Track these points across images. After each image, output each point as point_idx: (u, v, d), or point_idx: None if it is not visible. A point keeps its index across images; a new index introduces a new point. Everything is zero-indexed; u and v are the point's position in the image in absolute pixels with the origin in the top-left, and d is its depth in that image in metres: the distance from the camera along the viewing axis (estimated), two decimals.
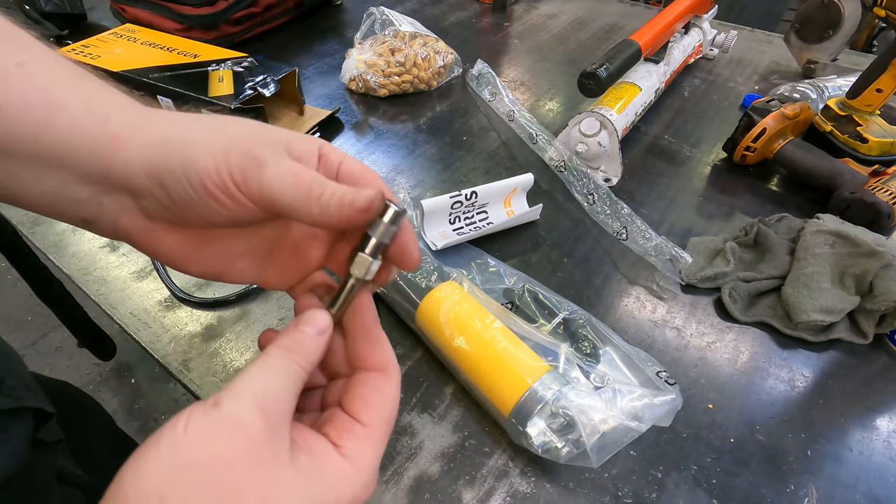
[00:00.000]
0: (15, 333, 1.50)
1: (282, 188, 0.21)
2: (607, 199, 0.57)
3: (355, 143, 0.71)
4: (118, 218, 0.23)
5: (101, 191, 0.22)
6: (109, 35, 0.76)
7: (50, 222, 0.58)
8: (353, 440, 0.21)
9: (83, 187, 0.22)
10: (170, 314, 0.48)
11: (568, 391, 0.35)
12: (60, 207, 0.22)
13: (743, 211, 0.60)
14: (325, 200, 0.21)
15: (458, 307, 0.41)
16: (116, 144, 0.21)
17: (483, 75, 0.79)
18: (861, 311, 0.46)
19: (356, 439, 0.21)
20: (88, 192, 0.22)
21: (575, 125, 0.63)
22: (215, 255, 0.25)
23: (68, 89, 0.21)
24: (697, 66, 0.88)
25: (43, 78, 0.21)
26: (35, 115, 0.20)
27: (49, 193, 0.22)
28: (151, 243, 0.24)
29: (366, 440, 0.21)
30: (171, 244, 0.24)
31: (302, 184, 0.21)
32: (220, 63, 0.68)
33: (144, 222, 0.23)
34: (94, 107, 0.21)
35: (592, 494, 0.37)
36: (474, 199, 0.54)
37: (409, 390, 0.43)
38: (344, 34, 0.97)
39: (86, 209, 0.22)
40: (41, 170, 0.21)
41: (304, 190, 0.21)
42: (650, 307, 0.49)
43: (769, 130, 0.61)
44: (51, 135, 0.20)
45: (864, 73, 0.61)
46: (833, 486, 0.37)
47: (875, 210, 0.52)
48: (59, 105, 0.20)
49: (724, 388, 0.43)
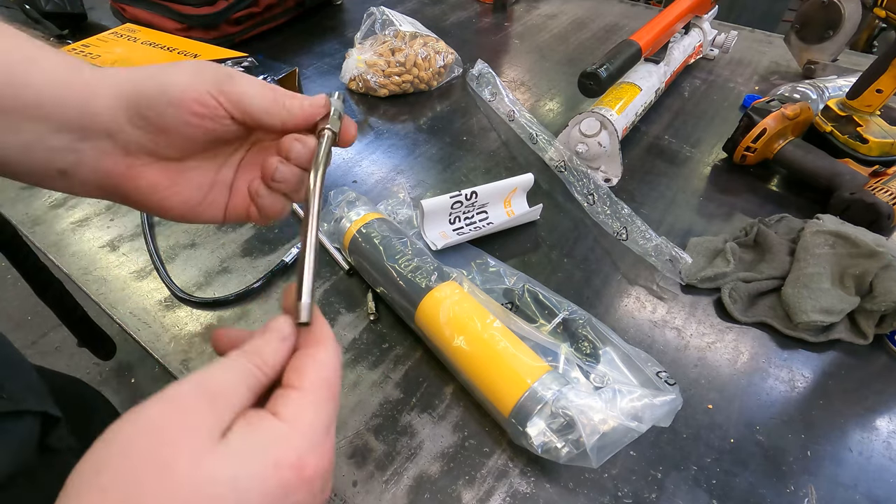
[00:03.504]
0: (15, 333, 1.50)
1: (254, 94, 0.25)
2: (607, 200, 0.57)
3: (355, 142, 0.71)
4: (99, 162, 0.25)
5: (77, 137, 0.24)
6: (110, 35, 0.76)
7: (50, 222, 0.58)
8: (290, 404, 0.21)
9: (60, 135, 0.24)
10: (170, 314, 0.48)
11: (568, 391, 0.35)
12: (36, 158, 0.24)
13: (743, 211, 0.60)
14: (289, 105, 0.26)
15: (458, 307, 0.41)
16: (89, 90, 0.24)
17: (483, 75, 0.79)
18: (861, 312, 0.46)
19: (292, 403, 0.21)
20: (65, 140, 0.24)
21: (575, 125, 0.63)
22: (191, 185, 0.28)
23: (42, 50, 0.24)
24: (697, 66, 0.88)
25: (17, 40, 0.23)
26: (13, 70, 0.22)
27: (26, 144, 0.23)
28: (132, 181, 0.26)
29: (302, 402, 0.21)
30: (151, 178, 0.26)
31: (269, 92, 0.26)
32: (221, 63, 0.68)
33: (126, 160, 0.25)
34: (64, 62, 0.24)
35: (592, 494, 0.37)
36: (474, 199, 0.55)
37: (409, 390, 0.43)
38: (344, 34, 0.97)
39: (62, 158, 0.24)
40: (19, 122, 0.23)
41: (272, 96, 0.26)
42: (650, 307, 0.49)
43: (769, 131, 0.61)
44: (29, 88, 0.22)
45: (864, 73, 0.61)
46: (833, 486, 0.37)
47: (875, 210, 0.52)
48: (34, 60, 0.23)
49: (723, 388, 0.43)
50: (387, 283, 0.45)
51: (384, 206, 0.57)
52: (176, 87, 0.24)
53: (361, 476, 0.37)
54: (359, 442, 0.39)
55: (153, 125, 0.25)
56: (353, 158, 0.68)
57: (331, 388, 0.23)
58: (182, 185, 0.27)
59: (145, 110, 0.24)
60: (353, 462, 0.38)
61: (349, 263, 0.52)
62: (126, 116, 0.24)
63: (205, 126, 0.25)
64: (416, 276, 0.44)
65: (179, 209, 0.28)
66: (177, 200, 0.27)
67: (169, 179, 0.27)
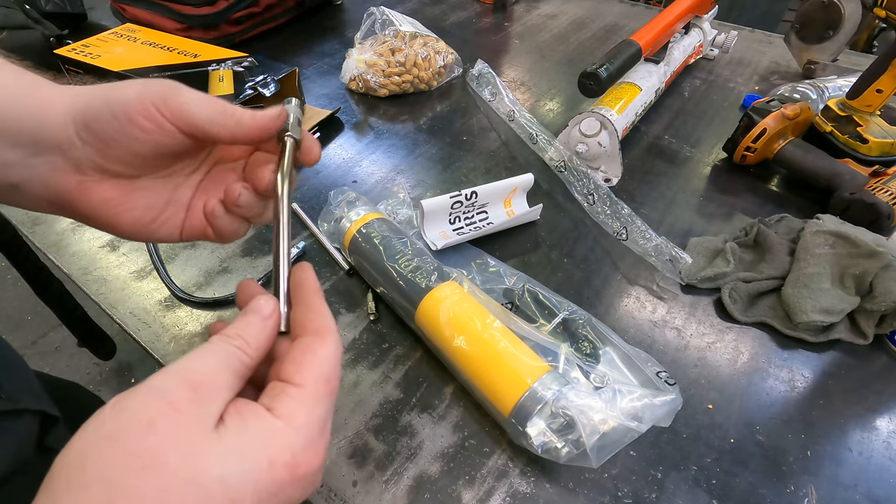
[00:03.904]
0: (15, 333, 1.50)
1: (199, 106, 0.25)
2: (607, 200, 0.57)
3: (355, 143, 0.71)
4: (50, 177, 0.25)
5: (30, 153, 0.24)
6: (110, 35, 0.76)
7: (50, 222, 0.58)
8: (286, 401, 0.21)
9: (13, 150, 0.24)
10: (170, 314, 0.48)
11: (568, 391, 0.35)
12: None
13: (743, 211, 0.60)
14: (239, 116, 0.26)
15: (458, 307, 0.41)
16: (45, 106, 0.24)
17: (483, 75, 0.79)
18: (861, 312, 0.46)
19: (289, 399, 0.21)
20: (18, 154, 0.24)
21: (575, 125, 0.63)
22: (143, 204, 0.28)
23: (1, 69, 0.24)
24: (697, 66, 0.88)
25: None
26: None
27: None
28: (83, 197, 0.26)
29: (299, 399, 0.21)
30: (102, 194, 0.26)
31: (217, 103, 0.25)
32: (221, 63, 0.68)
33: (76, 177, 0.25)
34: (24, 76, 0.24)
35: (592, 494, 0.37)
36: (474, 199, 0.54)
37: (409, 390, 0.43)
38: (344, 34, 0.97)
39: (14, 172, 0.24)
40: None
41: (219, 108, 0.25)
42: (650, 307, 0.49)
43: (769, 131, 0.61)
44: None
45: (864, 73, 0.61)
46: (833, 486, 0.37)
47: (875, 210, 0.52)
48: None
49: (723, 388, 0.43)
50: (387, 283, 0.45)
51: (384, 206, 0.57)
52: (120, 101, 0.24)
53: (361, 476, 0.37)
54: (359, 442, 0.39)
55: (99, 139, 0.25)
56: (353, 158, 0.68)
57: (329, 384, 0.22)
58: (134, 202, 0.27)
59: (91, 124, 0.24)
60: (353, 462, 0.38)
61: (349, 263, 0.52)
62: (75, 131, 0.24)
63: (152, 139, 0.25)
64: (416, 276, 0.44)
65: (131, 227, 0.28)
66: (128, 218, 0.27)
67: (120, 197, 0.27)
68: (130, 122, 0.24)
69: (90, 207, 0.26)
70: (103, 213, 0.27)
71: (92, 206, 0.26)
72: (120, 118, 0.24)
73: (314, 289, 0.25)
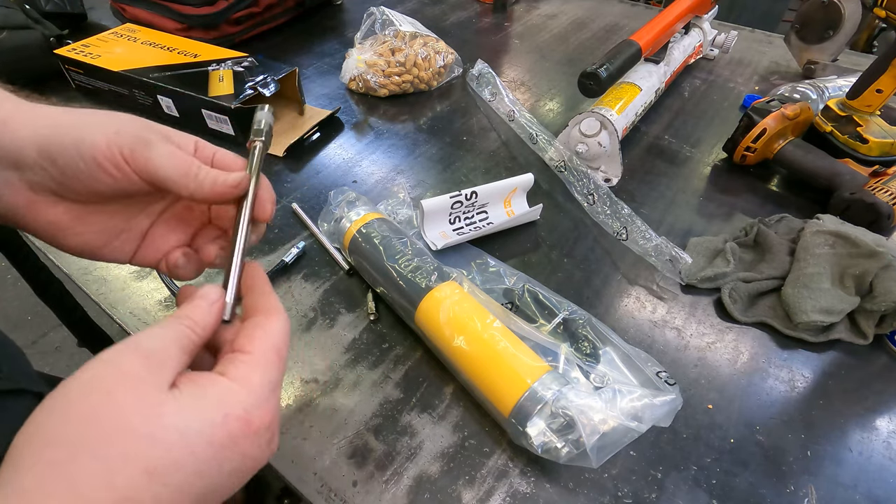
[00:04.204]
0: (15, 333, 1.50)
1: (163, 164, 0.25)
2: (607, 200, 0.57)
3: (355, 142, 0.71)
4: (1, 192, 0.25)
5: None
6: (110, 35, 0.76)
7: None
8: (239, 366, 0.23)
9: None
10: (170, 314, 0.48)
11: (568, 391, 0.35)
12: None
13: (743, 211, 0.60)
14: (201, 178, 0.26)
15: (458, 307, 0.41)
16: (5, 126, 0.24)
17: (483, 75, 0.79)
18: (861, 312, 0.46)
19: (242, 364, 0.23)
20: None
21: (575, 125, 0.63)
22: (95, 230, 0.28)
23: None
24: (697, 66, 0.88)
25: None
26: None
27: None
28: (32, 215, 0.26)
29: (250, 363, 0.23)
30: (52, 217, 0.26)
31: (182, 163, 0.26)
32: (221, 63, 0.68)
33: (28, 195, 0.25)
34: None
35: (592, 494, 0.37)
36: (474, 199, 0.55)
37: (409, 390, 0.43)
38: (344, 34, 0.97)
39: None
40: None
41: (184, 168, 0.26)
42: (650, 307, 0.49)
43: (769, 131, 0.61)
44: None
45: (864, 73, 0.61)
46: (833, 486, 0.37)
47: (875, 210, 0.52)
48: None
49: (723, 388, 0.43)
50: (387, 283, 0.45)
51: (384, 206, 0.57)
52: (89, 145, 0.24)
53: (361, 476, 0.37)
54: (359, 442, 0.39)
55: (61, 172, 0.25)
56: (353, 158, 0.68)
57: (278, 353, 0.24)
58: (85, 228, 0.27)
59: (56, 157, 0.24)
60: (353, 462, 0.38)
61: (349, 263, 0.52)
62: (38, 156, 0.24)
63: (115, 184, 0.25)
64: (416, 276, 0.44)
65: (79, 249, 0.28)
66: (77, 241, 0.27)
67: (72, 221, 0.27)
68: (97, 166, 0.24)
69: (37, 227, 0.26)
70: (52, 234, 0.27)
71: (40, 227, 0.26)
72: (87, 160, 0.24)
73: (263, 279, 0.27)
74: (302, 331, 0.47)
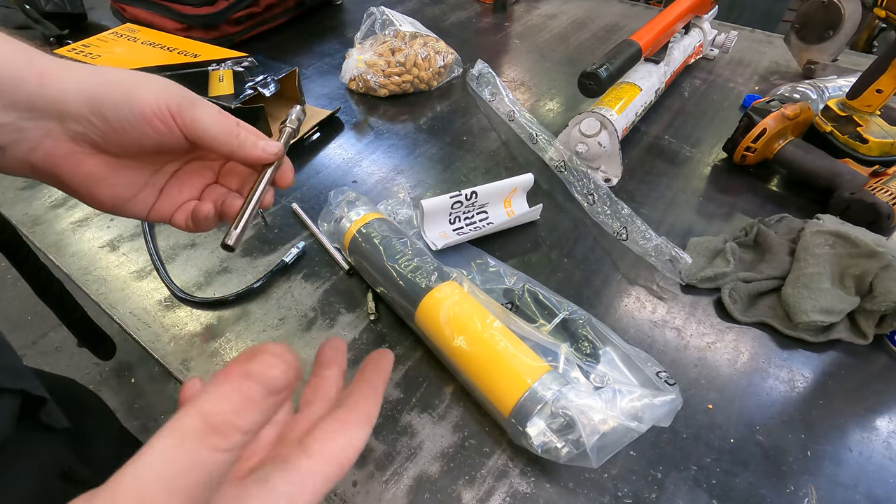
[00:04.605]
0: (15, 333, 1.50)
1: (209, 123, 0.27)
2: (607, 200, 0.57)
3: (355, 143, 0.71)
4: (39, 142, 0.26)
5: (25, 117, 0.25)
6: (110, 35, 0.76)
7: (50, 222, 0.58)
8: (290, 476, 0.19)
9: (7, 113, 0.24)
10: (170, 314, 0.48)
11: (568, 391, 0.35)
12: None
13: (743, 211, 0.60)
14: (242, 139, 0.28)
15: (458, 307, 0.41)
16: (46, 78, 0.25)
17: (483, 75, 0.79)
18: (861, 312, 0.46)
19: (294, 474, 0.19)
20: (12, 117, 0.25)
21: (575, 125, 0.63)
22: (125, 182, 0.29)
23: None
24: (697, 66, 0.88)
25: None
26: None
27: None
28: (69, 166, 0.27)
29: (304, 475, 0.19)
30: (89, 167, 0.27)
31: (225, 124, 0.28)
32: (221, 63, 0.68)
33: (68, 145, 0.26)
34: (16, 48, 0.25)
35: (592, 494, 0.37)
36: (474, 199, 0.54)
37: (409, 390, 0.43)
38: (344, 34, 0.97)
39: (4, 135, 0.25)
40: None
41: (227, 128, 0.28)
42: (650, 307, 0.49)
43: (769, 131, 0.61)
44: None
45: (864, 73, 0.61)
46: (833, 486, 0.37)
47: (875, 210, 0.52)
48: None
49: (723, 388, 0.43)
50: (387, 283, 0.45)
51: (384, 206, 0.57)
52: (141, 99, 0.26)
53: (361, 476, 0.37)
54: None
55: (109, 125, 0.26)
56: (353, 158, 0.68)
57: (343, 467, 0.20)
58: (117, 180, 0.29)
59: (107, 111, 0.25)
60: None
61: (349, 263, 0.52)
62: (86, 108, 0.25)
63: (159, 138, 0.27)
64: (416, 276, 0.44)
65: (108, 202, 0.29)
66: (108, 193, 0.29)
67: (106, 173, 0.28)
68: (146, 121, 0.26)
69: (75, 177, 0.27)
70: (86, 185, 0.28)
71: (76, 178, 0.27)
72: (136, 114, 0.26)
73: (385, 377, 0.24)
74: (302, 331, 0.47)
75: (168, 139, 0.27)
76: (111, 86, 0.26)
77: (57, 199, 0.61)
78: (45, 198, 0.61)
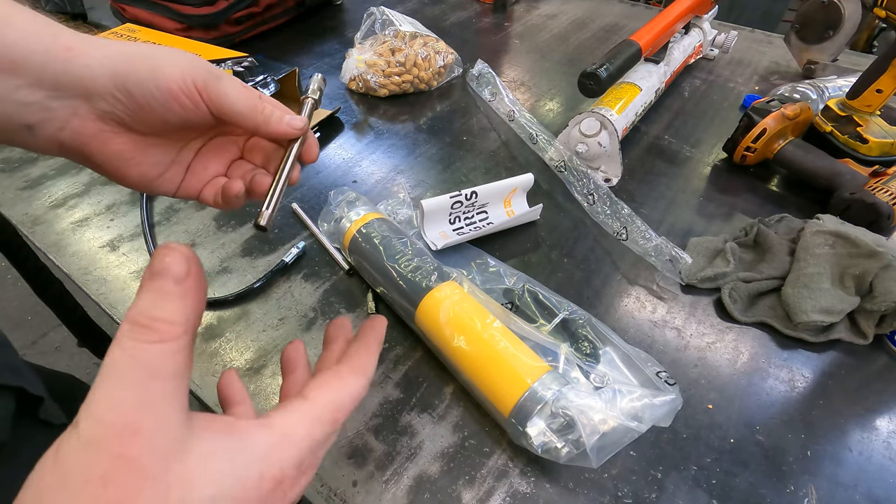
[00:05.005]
0: (15, 333, 1.50)
1: (235, 98, 0.27)
2: (607, 200, 0.57)
3: (355, 142, 0.71)
4: (68, 121, 0.26)
5: (52, 95, 0.25)
6: (109, 35, 0.76)
7: (50, 222, 0.58)
8: (289, 416, 0.21)
9: (34, 91, 0.24)
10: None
11: (568, 391, 0.35)
12: (6, 110, 0.24)
13: (743, 211, 0.60)
14: (268, 114, 0.28)
15: (458, 307, 0.41)
16: (72, 53, 0.24)
17: (483, 75, 0.79)
18: (861, 312, 0.46)
19: (294, 414, 0.21)
20: (39, 96, 0.24)
21: (575, 125, 0.63)
22: (152, 160, 0.29)
23: (14, 10, 0.24)
24: (697, 66, 0.88)
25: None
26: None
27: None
28: (98, 145, 0.27)
29: (302, 414, 0.21)
30: (117, 146, 0.27)
31: (251, 99, 0.28)
32: (221, 63, 0.68)
33: (95, 124, 0.26)
34: (41, 23, 0.24)
35: (592, 494, 0.37)
36: (474, 199, 0.54)
37: (409, 390, 0.43)
38: (344, 34, 0.97)
39: (32, 113, 0.25)
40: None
41: (252, 103, 0.28)
42: (650, 307, 0.49)
43: (769, 131, 0.61)
44: (3, 44, 0.23)
45: (864, 73, 0.61)
46: (833, 486, 0.37)
47: (875, 210, 0.52)
48: (7, 21, 0.23)
49: (723, 388, 0.43)
50: (387, 283, 0.45)
51: (384, 206, 0.57)
52: (167, 75, 0.25)
53: (361, 476, 0.37)
54: (359, 442, 0.39)
55: (136, 102, 0.26)
56: (353, 158, 0.68)
57: (338, 412, 0.23)
58: (144, 158, 0.29)
59: (132, 87, 0.25)
60: (353, 462, 0.38)
61: (349, 263, 0.52)
62: (111, 84, 0.25)
63: (184, 114, 0.27)
64: (416, 276, 0.44)
65: (136, 180, 0.29)
66: (136, 172, 0.29)
67: (133, 151, 0.28)
68: (172, 97, 0.26)
69: (104, 156, 0.27)
70: (115, 163, 0.28)
71: (105, 156, 0.27)
72: (163, 90, 0.25)
73: (378, 337, 0.28)
74: (302, 331, 0.47)
75: (194, 115, 0.27)
76: (136, 61, 0.25)
77: (57, 199, 0.61)
78: (45, 198, 0.61)
